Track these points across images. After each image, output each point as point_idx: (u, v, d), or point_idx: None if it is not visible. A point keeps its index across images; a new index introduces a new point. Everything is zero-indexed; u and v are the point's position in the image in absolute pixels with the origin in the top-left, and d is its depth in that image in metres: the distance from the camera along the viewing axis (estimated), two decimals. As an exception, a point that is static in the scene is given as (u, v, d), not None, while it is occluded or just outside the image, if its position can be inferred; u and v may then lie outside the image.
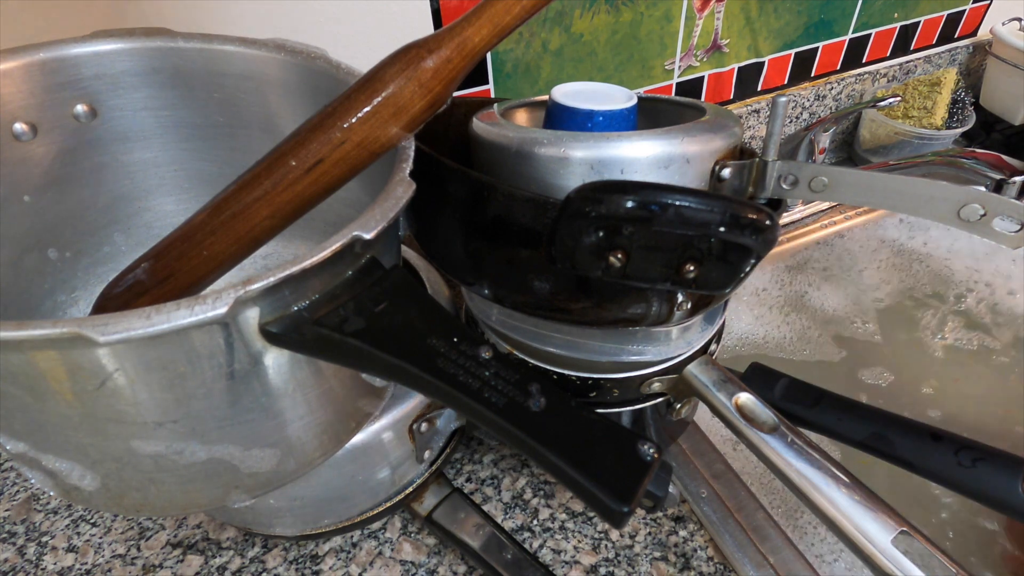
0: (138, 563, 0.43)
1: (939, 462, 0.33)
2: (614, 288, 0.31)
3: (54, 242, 0.35)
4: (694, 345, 0.38)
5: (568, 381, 0.38)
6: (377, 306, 0.23)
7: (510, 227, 0.29)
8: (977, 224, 0.28)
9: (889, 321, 0.72)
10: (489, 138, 0.32)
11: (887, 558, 0.28)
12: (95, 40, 0.32)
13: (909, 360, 0.68)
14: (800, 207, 0.78)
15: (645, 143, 0.29)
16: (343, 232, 0.22)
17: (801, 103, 0.76)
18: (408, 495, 0.41)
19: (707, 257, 0.24)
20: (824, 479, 0.31)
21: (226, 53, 0.34)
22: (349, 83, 0.27)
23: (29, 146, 0.32)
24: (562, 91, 0.35)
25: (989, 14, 0.85)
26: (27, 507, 0.46)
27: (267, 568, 0.43)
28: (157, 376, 0.21)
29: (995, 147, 0.79)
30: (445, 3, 0.49)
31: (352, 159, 0.27)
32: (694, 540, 0.43)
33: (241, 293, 0.19)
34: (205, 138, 0.37)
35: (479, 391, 0.21)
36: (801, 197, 0.32)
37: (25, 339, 0.18)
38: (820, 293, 0.74)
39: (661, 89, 0.65)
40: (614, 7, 0.56)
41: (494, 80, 0.55)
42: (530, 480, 0.48)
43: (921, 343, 0.70)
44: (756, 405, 0.35)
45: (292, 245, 0.41)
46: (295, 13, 0.45)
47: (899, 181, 0.29)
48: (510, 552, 0.40)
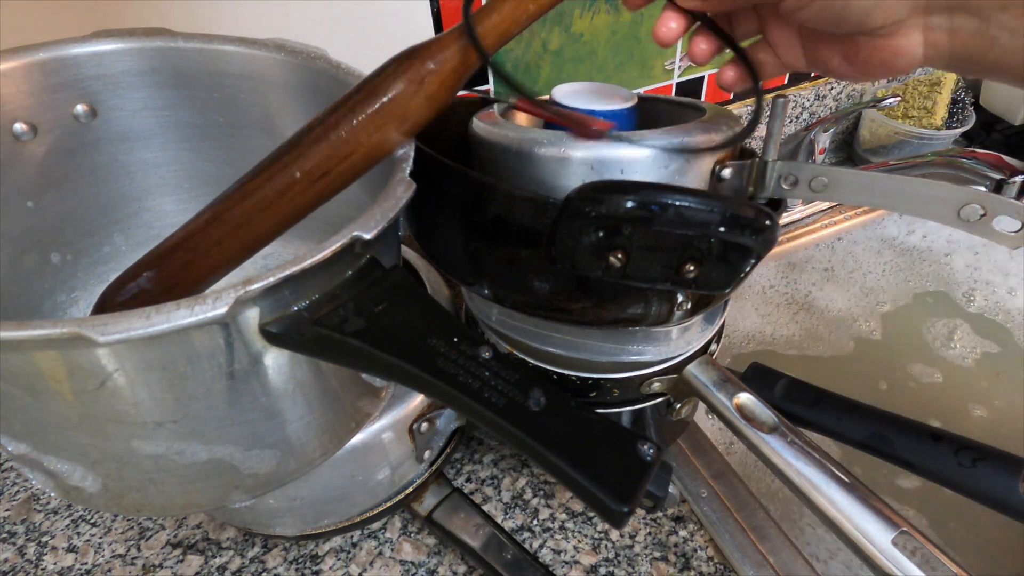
0: (138, 563, 0.43)
1: (939, 462, 0.33)
2: (614, 288, 0.31)
3: (54, 242, 0.35)
4: (694, 345, 0.38)
5: (568, 381, 0.38)
6: (377, 306, 0.23)
7: (510, 227, 0.29)
8: (977, 224, 0.28)
9: (894, 320, 0.72)
10: (489, 138, 0.32)
11: (887, 558, 0.28)
12: (95, 40, 0.32)
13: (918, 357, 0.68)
14: (800, 207, 0.78)
15: (645, 143, 0.29)
16: (343, 232, 0.22)
17: (801, 103, 0.76)
18: (408, 495, 0.41)
19: (707, 257, 0.24)
20: (824, 479, 0.31)
21: (226, 53, 0.34)
22: (349, 83, 0.27)
23: (29, 146, 0.32)
24: (562, 91, 0.35)
25: (989, 14, 0.85)
26: (27, 507, 0.46)
27: (267, 568, 0.43)
28: (157, 376, 0.21)
29: (995, 147, 0.79)
30: (445, 3, 0.49)
31: (357, 168, 0.27)
32: (694, 540, 0.43)
33: (241, 293, 0.19)
34: (205, 138, 0.37)
35: (479, 391, 0.21)
36: (801, 197, 0.32)
37: (25, 339, 0.18)
38: (823, 293, 0.74)
39: (661, 89, 0.65)
40: (614, 7, 0.56)
41: (494, 80, 0.55)
42: (530, 480, 0.48)
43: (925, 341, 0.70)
44: (756, 405, 0.35)
45: (292, 245, 0.41)
46: (295, 13, 0.45)
47: (899, 181, 0.29)
48: (510, 552, 0.40)
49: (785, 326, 0.71)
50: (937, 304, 0.73)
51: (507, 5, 0.26)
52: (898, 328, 0.71)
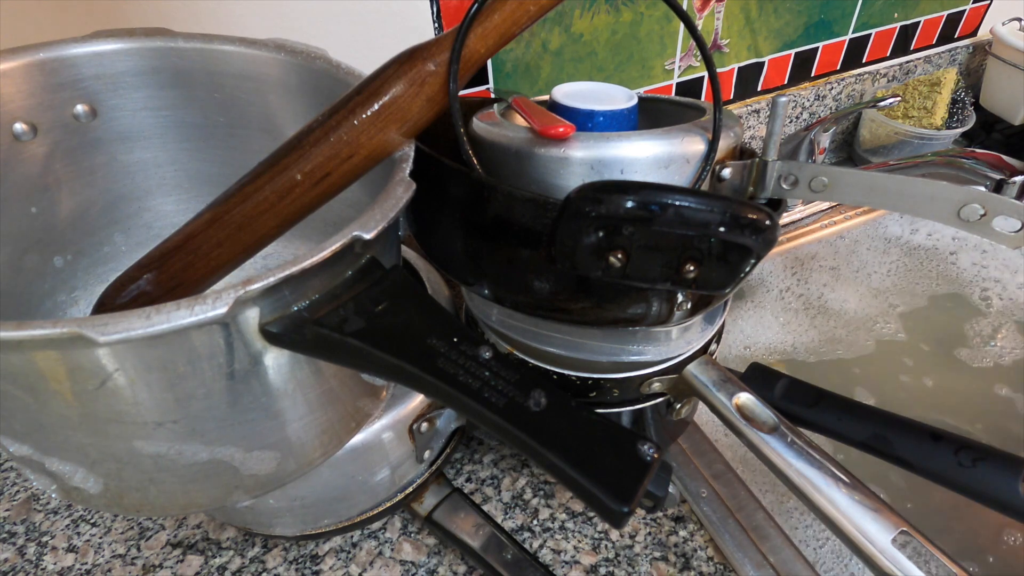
0: (138, 563, 0.43)
1: (939, 462, 0.33)
2: (614, 288, 0.31)
3: (54, 242, 0.35)
4: (694, 345, 0.38)
5: (568, 381, 0.38)
6: (377, 306, 0.23)
7: (510, 227, 0.29)
8: (977, 224, 0.28)
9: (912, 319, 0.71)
10: (489, 138, 0.32)
11: (887, 558, 0.28)
12: (95, 40, 0.32)
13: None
14: (800, 207, 0.78)
15: (645, 143, 0.29)
16: (343, 232, 0.22)
17: (801, 103, 0.76)
18: (408, 495, 0.41)
19: (707, 257, 0.24)
20: (824, 479, 0.31)
21: (226, 53, 0.34)
22: (349, 83, 0.28)
23: (29, 146, 0.32)
24: (562, 91, 0.35)
25: (989, 14, 0.85)
26: (27, 507, 0.46)
27: (267, 568, 0.43)
28: (157, 376, 0.21)
29: (995, 147, 0.79)
30: (445, 3, 0.49)
31: (358, 170, 0.27)
32: (694, 540, 0.43)
33: (241, 293, 0.19)
34: (205, 138, 0.37)
35: (479, 391, 0.21)
36: (801, 197, 0.32)
37: (25, 339, 0.18)
38: (835, 294, 0.73)
39: (661, 89, 0.65)
40: (614, 7, 0.56)
41: (494, 80, 0.55)
42: (530, 480, 0.48)
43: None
44: (756, 405, 0.35)
45: (292, 245, 0.41)
46: (295, 13, 0.45)
47: (899, 181, 0.29)
48: (510, 552, 0.40)
49: (804, 332, 0.70)
50: (955, 305, 0.73)
51: (508, 6, 0.26)
52: (922, 327, 0.70)
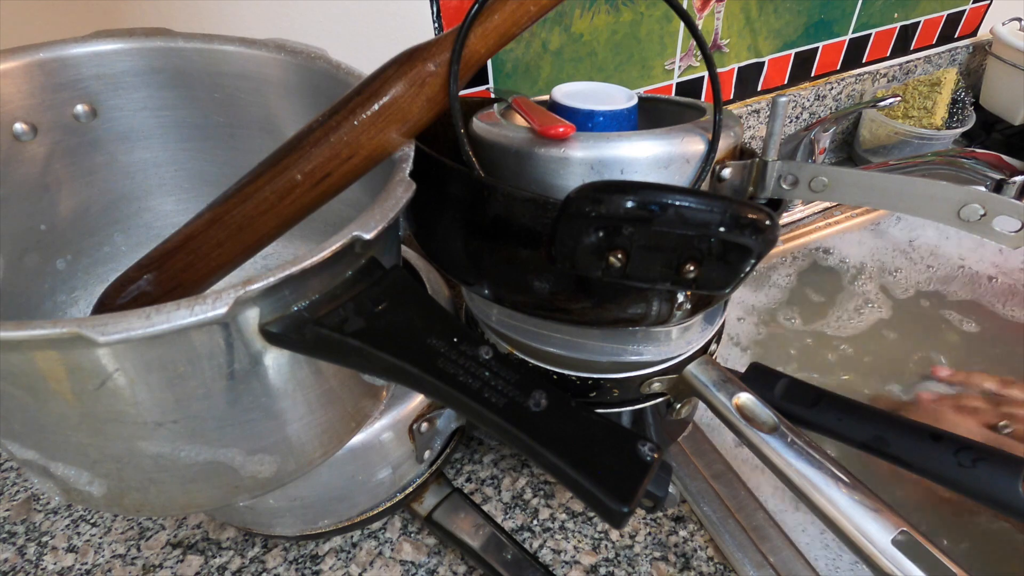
0: (138, 563, 0.43)
1: (939, 462, 0.33)
2: (614, 288, 0.31)
3: (54, 242, 0.35)
4: (694, 345, 0.38)
5: (568, 381, 0.38)
6: (377, 306, 0.23)
7: (510, 227, 0.29)
8: (977, 224, 0.28)
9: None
10: (489, 138, 0.32)
11: (887, 558, 0.28)
12: (95, 40, 0.32)
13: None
14: (800, 207, 0.78)
15: (645, 143, 0.29)
16: (343, 232, 0.22)
17: (801, 103, 0.76)
18: (408, 495, 0.41)
19: (707, 257, 0.24)
20: (824, 479, 0.31)
21: (226, 53, 0.34)
22: (349, 83, 0.28)
23: (29, 146, 0.32)
24: (562, 91, 0.35)
25: (989, 14, 0.85)
26: (27, 507, 0.46)
27: (267, 568, 0.43)
28: (157, 376, 0.21)
29: (995, 147, 0.79)
30: (445, 3, 0.49)
31: (358, 170, 0.27)
32: (694, 540, 0.43)
33: (241, 293, 0.19)
34: (205, 138, 0.37)
35: (479, 391, 0.21)
36: (801, 197, 0.32)
37: (25, 339, 0.18)
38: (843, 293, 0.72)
39: (661, 89, 0.65)
40: (614, 7, 0.56)
41: (494, 80, 0.55)
42: (530, 480, 0.48)
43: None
44: (756, 405, 0.35)
45: (292, 245, 0.41)
46: (295, 13, 0.45)
47: (899, 181, 0.29)
48: (510, 552, 0.40)
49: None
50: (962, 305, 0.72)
51: (508, 6, 0.26)
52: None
